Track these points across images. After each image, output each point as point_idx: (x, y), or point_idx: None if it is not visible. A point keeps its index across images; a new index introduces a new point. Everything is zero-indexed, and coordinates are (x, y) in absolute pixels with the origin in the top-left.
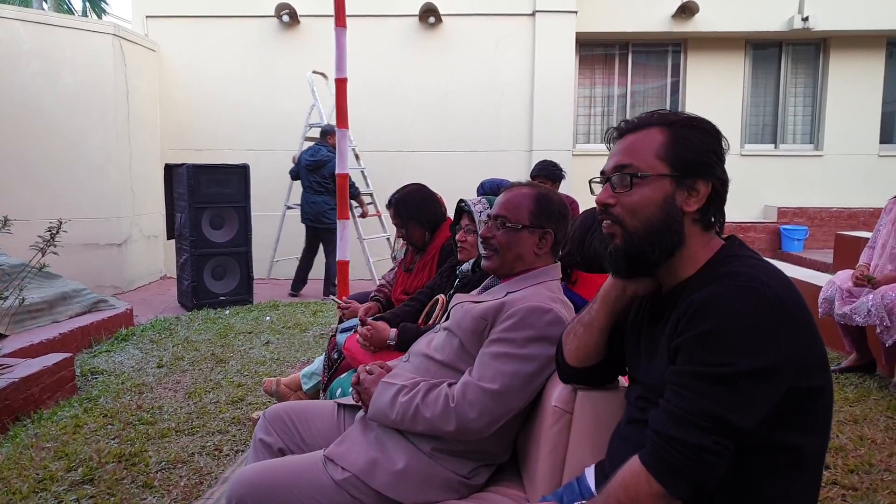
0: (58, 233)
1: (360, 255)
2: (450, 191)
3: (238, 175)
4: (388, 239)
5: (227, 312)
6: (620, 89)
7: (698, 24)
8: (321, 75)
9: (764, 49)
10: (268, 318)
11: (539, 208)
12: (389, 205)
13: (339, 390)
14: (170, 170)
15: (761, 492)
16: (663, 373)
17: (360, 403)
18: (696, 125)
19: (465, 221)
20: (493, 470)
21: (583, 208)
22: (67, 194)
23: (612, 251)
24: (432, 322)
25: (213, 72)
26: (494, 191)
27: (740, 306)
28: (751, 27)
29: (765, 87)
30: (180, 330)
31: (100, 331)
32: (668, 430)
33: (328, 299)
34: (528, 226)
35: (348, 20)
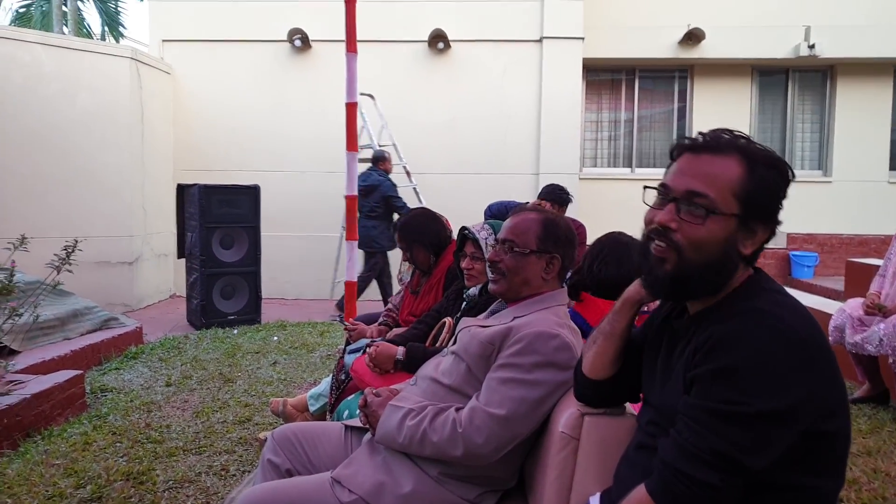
0: (73, 251)
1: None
2: (457, 213)
3: (249, 196)
4: None
5: (236, 332)
6: (627, 114)
7: (705, 51)
8: (369, 96)
9: (771, 75)
10: (275, 338)
11: (546, 233)
12: (394, 228)
13: (347, 412)
14: (182, 190)
15: None
16: (677, 400)
17: (367, 426)
18: (776, 166)
19: (471, 249)
20: (499, 495)
21: (590, 231)
22: (81, 212)
23: (660, 275)
24: (439, 345)
25: (226, 94)
26: (502, 213)
27: (761, 345)
28: (757, 54)
29: (772, 113)
30: (189, 349)
31: (110, 348)
32: (676, 463)
33: (335, 319)
34: (536, 251)
35: (359, 45)
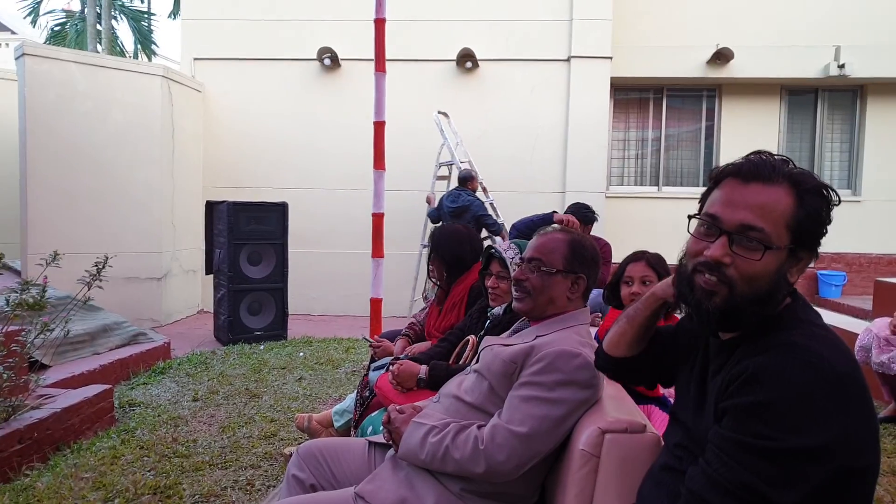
0: (104, 267)
1: None
2: None
3: (277, 213)
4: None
5: (262, 347)
6: (654, 132)
7: (733, 71)
8: (443, 115)
9: (800, 95)
10: (301, 354)
11: (573, 253)
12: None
13: (371, 428)
14: (211, 206)
15: None
16: (708, 429)
17: (390, 442)
18: (823, 194)
19: (497, 267)
20: None
21: (616, 250)
22: (112, 229)
23: (709, 309)
24: (463, 362)
25: (256, 112)
26: (529, 229)
27: (796, 380)
28: (786, 73)
29: (801, 132)
30: (216, 364)
31: (138, 363)
32: (703, 493)
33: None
34: (562, 270)
35: (388, 65)
